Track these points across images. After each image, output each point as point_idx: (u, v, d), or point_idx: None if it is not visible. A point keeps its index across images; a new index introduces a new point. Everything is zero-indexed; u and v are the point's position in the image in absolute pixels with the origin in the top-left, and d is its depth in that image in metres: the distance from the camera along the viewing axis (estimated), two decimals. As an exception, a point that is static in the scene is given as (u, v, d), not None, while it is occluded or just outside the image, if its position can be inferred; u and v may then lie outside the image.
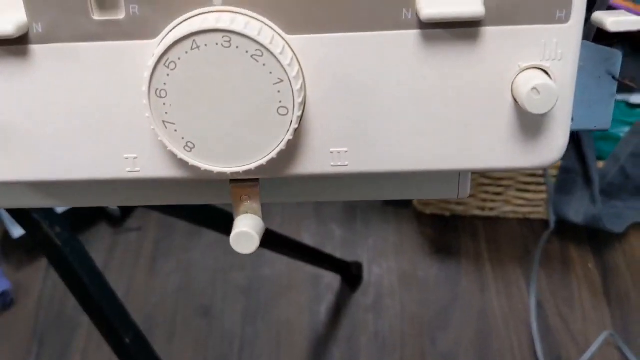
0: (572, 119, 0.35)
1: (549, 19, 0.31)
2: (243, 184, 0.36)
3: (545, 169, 1.28)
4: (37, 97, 0.33)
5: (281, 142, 0.32)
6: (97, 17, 0.31)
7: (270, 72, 0.30)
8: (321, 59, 0.32)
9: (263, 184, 0.37)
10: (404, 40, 0.31)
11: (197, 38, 0.30)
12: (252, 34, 0.30)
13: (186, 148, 0.32)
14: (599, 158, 1.31)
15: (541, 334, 1.22)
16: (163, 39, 0.31)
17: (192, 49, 0.30)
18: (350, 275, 1.32)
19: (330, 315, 1.28)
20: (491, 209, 1.43)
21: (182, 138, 0.32)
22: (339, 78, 0.32)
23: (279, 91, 0.31)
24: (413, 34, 0.31)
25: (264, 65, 0.30)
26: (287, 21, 0.31)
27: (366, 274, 1.34)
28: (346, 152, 0.34)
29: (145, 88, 0.31)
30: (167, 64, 0.30)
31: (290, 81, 0.31)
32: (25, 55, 0.32)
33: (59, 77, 0.33)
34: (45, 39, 0.32)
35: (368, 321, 1.26)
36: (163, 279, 1.35)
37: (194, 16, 0.31)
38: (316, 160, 0.34)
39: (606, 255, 1.37)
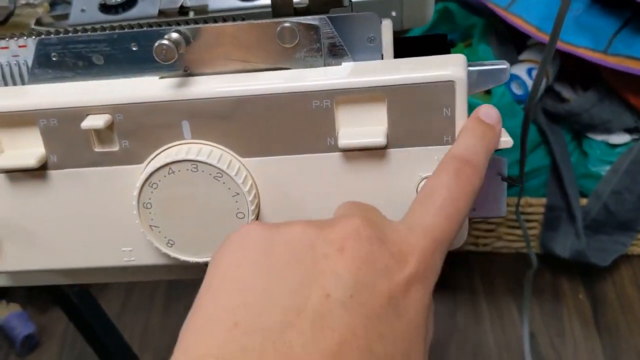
0: (475, 209, 0.45)
1: (439, 142, 0.40)
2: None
3: (516, 209, 1.35)
4: (55, 208, 0.43)
5: None
6: (97, 149, 0.41)
7: (229, 188, 0.40)
8: (270, 174, 0.42)
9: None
10: (329, 160, 0.41)
11: (172, 166, 0.40)
12: (213, 161, 0.40)
13: (168, 244, 0.42)
14: (583, 195, 1.36)
15: (534, 364, 1.25)
16: (147, 164, 0.41)
17: (169, 173, 0.40)
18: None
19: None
20: (484, 244, 1.48)
21: (165, 237, 0.42)
22: (284, 188, 0.42)
23: (236, 201, 0.41)
24: (336, 155, 0.41)
25: (223, 183, 0.40)
26: (242, 148, 0.41)
27: (366, 311, 1.39)
28: None
29: (135, 202, 0.41)
30: (150, 185, 0.40)
31: (244, 194, 0.40)
32: (45, 179, 0.42)
33: (71, 193, 0.42)
34: (59, 166, 0.42)
35: (369, 355, 1.31)
36: (177, 319, 1.39)
37: (171, 147, 0.41)
38: None
39: (596, 286, 1.40)
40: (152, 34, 0.40)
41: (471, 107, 0.39)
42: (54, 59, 0.41)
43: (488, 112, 0.40)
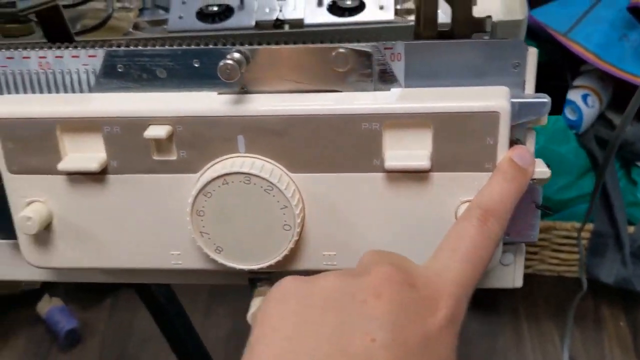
0: (509, 234, 0.46)
1: (481, 169, 0.42)
2: (258, 274, 0.48)
3: (578, 233, 1.34)
4: (111, 210, 0.46)
5: (285, 249, 0.44)
6: (156, 157, 0.44)
7: (278, 201, 0.42)
8: (316, 190, 0.44)
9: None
10: (374, 180, 0.43)
11: (227, 177, 0.42)
12: (265, 175, 0.42)
13: (217, 251, 0.44)
14: (630, 223, 1.35)
15: (575, 389, 1.25)
16: (202, 174, 0.43)
17: (222, 184, 0.42)
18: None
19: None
20: (527, 267, 1.47)
21: (214, 244, 0.44)
22: (329, 204, 0.44)
23: (284, 214, 0.43)
24: (380, 175, 0.43)
25: (273, 196, 0.42)
26: (292, 164, 0.43)
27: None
28: (335, 254, 0.45)
29: (189, 209, 0.43)
30: (205, 194, 0.43)
31: (292, 207, 0.42)
32: (104, 182, 0.45)
33: (128, 197, 0.45)
34: (118, 171, 0.44)
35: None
36: (216, 322, 1.42)
37: (225, 159, 0.43)
38: (312, 260, 0.46)
39: (637, 313, 1.41)
40: (213, 52, 0.43)
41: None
42: (120, 70, 0.44)
43: (522, 154, 0.42)
